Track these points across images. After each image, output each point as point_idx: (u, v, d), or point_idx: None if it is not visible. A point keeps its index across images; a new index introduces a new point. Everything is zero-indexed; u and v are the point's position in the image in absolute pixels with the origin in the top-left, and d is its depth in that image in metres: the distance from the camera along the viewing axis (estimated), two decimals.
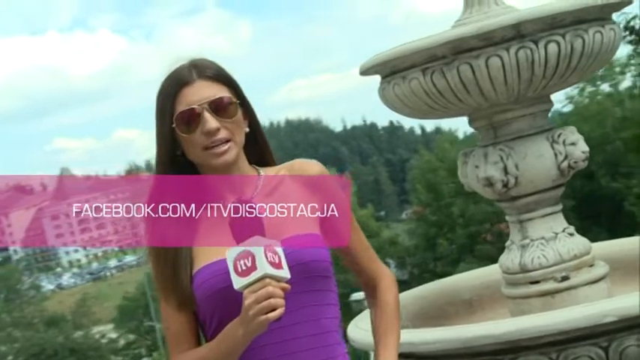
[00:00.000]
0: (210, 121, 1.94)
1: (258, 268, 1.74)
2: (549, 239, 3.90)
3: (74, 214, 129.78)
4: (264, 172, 2.08)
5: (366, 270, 2.16)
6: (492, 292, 4.64)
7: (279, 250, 1.79)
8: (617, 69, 29.05)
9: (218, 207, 2.02)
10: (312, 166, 2.09)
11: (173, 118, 1.97)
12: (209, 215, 2.02)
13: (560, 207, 4.00)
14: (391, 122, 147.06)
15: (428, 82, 3.69)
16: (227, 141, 1.97)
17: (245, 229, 1.80)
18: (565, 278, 3.82)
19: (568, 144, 3.83)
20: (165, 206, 2.01)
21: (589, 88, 32.11)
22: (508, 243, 4.06)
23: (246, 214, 1.83)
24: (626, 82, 30.49)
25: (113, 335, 57.09)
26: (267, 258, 1.75)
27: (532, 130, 3.88)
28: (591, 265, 3.93)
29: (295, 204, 2.02)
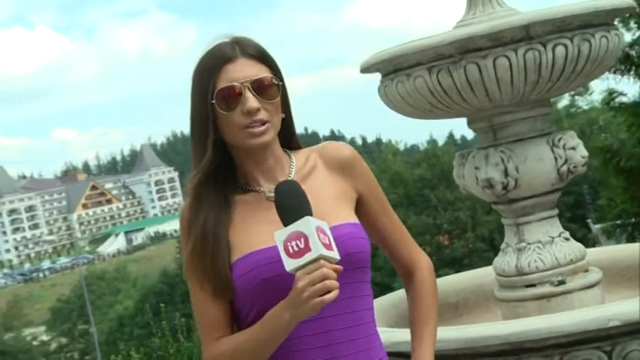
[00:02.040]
0: (252, 101, 1.87)
1: (313, 249, 1.68)
2: (546, 243, 3.88)
3: (7, 214, 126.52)
4: (295, 156, 2.02)
5: (401, 256, 2.09)
6: (477, 296, 4.61)
7: (328, 230, 1.73)
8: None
9: (253, 192, 1.95)
10: (343, 149, 2.04)
11: (213, 94, 1.88)
12: (244, 200, 1.95)
13: (556, 211, 4.00)
14: (332, 131, 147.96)
15: (434, 81, 3.65)
16: (266, 121, 1.90)
17: (294, 209, 1.73)
18: (562, 282, 3.81)
19: (568, 148, 3.83)
20: (205, 188, 1.93)
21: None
22: (503, 246, 4.03)
23: (293, 194, 1.76)
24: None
25: (45, 338, 55.87)
26: (320, 239, 1.68)
27: (532, 133, 3.86)
28: (586, 271, 3.93)
29: (330, 190, 1.97)
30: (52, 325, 58.41)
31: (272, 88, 1.92)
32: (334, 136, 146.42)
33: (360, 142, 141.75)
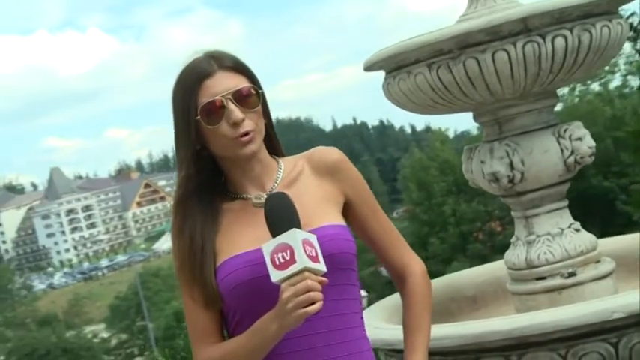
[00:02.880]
0: (236, 112, 1.91)
1: (298, 261, 1.71)
2: (555, 235, 3.86)
3: (65, 214, 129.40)
4: (283, 162, 2.05)
5: (392, 261, 2.08)
6: (495, 289, 4.60)
7: (316, 243, 1.76)
8: (607, 67, 29.15)
9: (240, 199, 1.99)
10: (331, 154, 2.06)
11: (197, 110, 1.92)
12: (231, 208, 1.98)
13: (565, 203, 3.97)
14: (381, 121, 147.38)
15: (434, 77, 3.66)
16: (252, 129, 1.93)
17: (282, 221, 1.77)
18: (572, 274, 3.79)
19: (574, 139, 3.80)
20: (190, 202, 1.97)
21: (579, 87, 32.18)
22: (513, 239, 4.02)
23: (282, 206, 1.79)
24: (615, 81, 30.58)
25: (105, 335, 56.94)
26: (305, 251, 1.71)
27: (538, 125, 3.84)
28: (597, 261, 3.89)
29: (317, 194, 1.99)
30: (111, 322, 59.52)
31: (253, 97, 1.95)
32: (383, 126, 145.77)
33: (409, 130, 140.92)
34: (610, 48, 3.67)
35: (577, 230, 3.91)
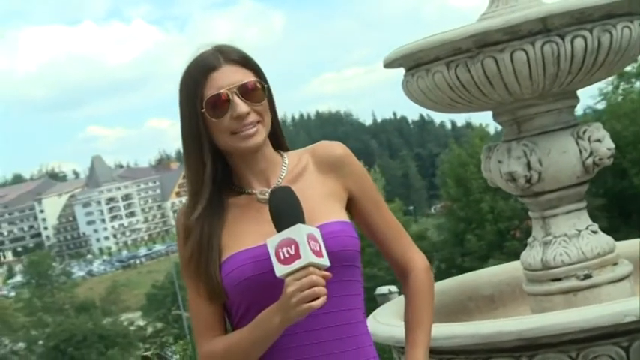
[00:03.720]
0: (241, 105, 1.93)
1: (302, 257, 1.73)
2: (572, 236, 3.84)
3: (105, 202, 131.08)
4: (288, 157, 2.07)
5: (395, 256, 2.09)
6: (513, 289, 4.59)
7: (320, 237, 1.78)
8: None
9: (246, 194, 2.01)
10: (334, 149, 2.07)
11: (203, 103, 1.94)
12: (237, 203, 2.01)
13: (584, 204, 3.94)
14: (422, 116, 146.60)
15: (452, 76, 3.66)
16: (257, 123, 1.95)
17: (287, 216, 1.79)
18: (587, 276, 3.77)
19: (593, 140, 3.77)
20: (198, 197, 1.99)
21: (623, 85, 31.67)
22: (530, 239, 4.01)
23: (286, 201, 1.82)
24: None
25: (141, 323, 57.62)
26: (310, 246, 1.74)
27: (557, 125, 3.82)
28: (615, 264, 3.86)
29: (321, 190, 2.01)
30: (147, 310, 60.21)
31: (258, 91, 1.96)
32: (423, 121, 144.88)
33: (449, 126, 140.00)
34: (631, 49, 3.64)
35: (594, 232, 3.88)
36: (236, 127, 1.94)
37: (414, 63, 3.83)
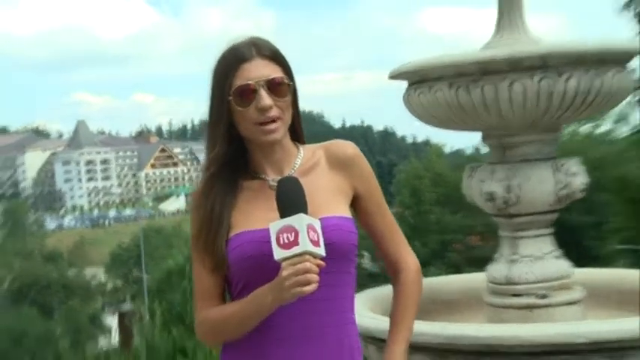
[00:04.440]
0: (265, 98, 1.92)
1: (300, 244, 1.74)
2: (537, 258, 3.86)
3: (85, 163, 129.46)
4: (303, 150, 2.06)
5: (390, 255, 2.10)
6: (469, 299, 4.59)
7: (319, 228, 1.78)
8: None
9: (259, 179, 2.01)
10: (347, 148, 2.07)
11: (231, 91, 1.93)
12: (250, 187, 2.00)
13: (551, 230, 3.97)
14: (385, 128, 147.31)
15: (452, 96, 3.65)
16: (277, 119, 1.94)
17: (291, 204, 1.79)
18: (544, 296, 3.79)
19: (570, 174, 3.79)
20: (215, 173, 1.98)
21: (571, 127, 32.11)
22: (497, 255, 4.02)
23: (293, 190, 1.81)
24: (604, 127, 30.52)
25: (103, 279, 57.09)
26: (308, 235, 1.74)
27: (539, 155, 3.83)
28: (570, 288, 3.89)
29: (328, 185, 2.00)
30: (110, 268, 59.77)
31: (284, 87, 1.96)
32: (386, 132, 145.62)
33: (410, 140, 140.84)
34: (617, 95, 3.67)
35: (557, 257, 3.91)
36: (259, 118, 1.93)
37: (419, 78, 3.81)
